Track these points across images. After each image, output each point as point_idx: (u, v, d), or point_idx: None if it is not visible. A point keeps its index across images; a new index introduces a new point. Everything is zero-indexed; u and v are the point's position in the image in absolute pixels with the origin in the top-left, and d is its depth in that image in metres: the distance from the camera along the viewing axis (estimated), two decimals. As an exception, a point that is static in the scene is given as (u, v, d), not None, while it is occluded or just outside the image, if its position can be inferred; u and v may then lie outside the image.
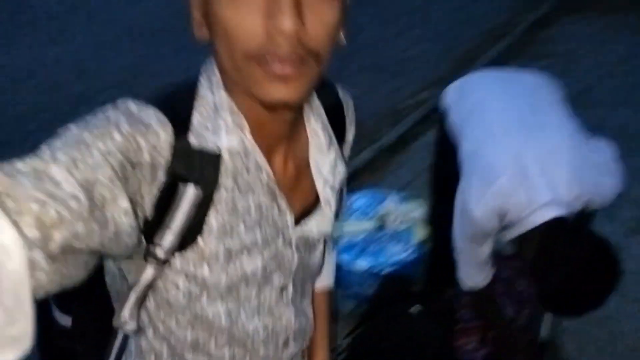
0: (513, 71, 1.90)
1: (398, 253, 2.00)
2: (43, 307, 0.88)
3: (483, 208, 1.48)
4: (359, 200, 2.19)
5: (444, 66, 4.15)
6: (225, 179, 0.72)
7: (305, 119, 0.80)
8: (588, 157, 1.51)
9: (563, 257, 1.38)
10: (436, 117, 1.93)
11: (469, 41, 4.52)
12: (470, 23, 4.81)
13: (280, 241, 0.79)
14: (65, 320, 0.91)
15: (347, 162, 0.90)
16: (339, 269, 1.85)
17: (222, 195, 0.72)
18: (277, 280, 0.81)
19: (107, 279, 0.81)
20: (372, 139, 3.39)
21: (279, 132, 0.75)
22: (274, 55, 0.61)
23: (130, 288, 0.74)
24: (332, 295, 1.10)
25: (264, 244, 0.77)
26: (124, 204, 0.61)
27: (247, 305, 0.79)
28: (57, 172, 0.56)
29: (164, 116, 0.67)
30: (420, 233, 2.11)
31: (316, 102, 0.82)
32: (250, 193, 0.74)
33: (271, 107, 0.68)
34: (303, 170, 0.81)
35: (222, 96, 0.71)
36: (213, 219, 0.72)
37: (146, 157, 0.64)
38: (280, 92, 0.64)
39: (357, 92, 3.72)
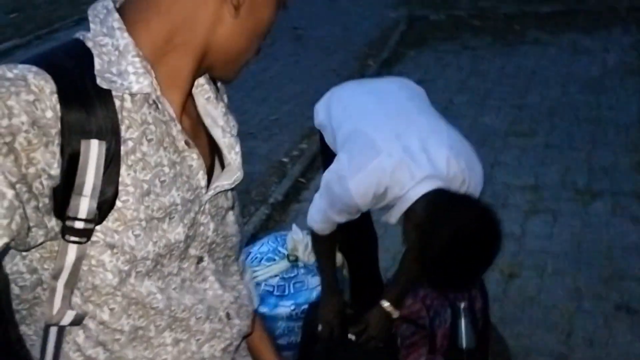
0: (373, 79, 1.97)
1: (317, 285, 1.90)
2: None
3: (359, 182, 1.47)
4: (264, 246, 2.09)
5: (311, 119, 4.25)
6: (131, 130, 0.67)
7: None
8: (462, 142, 1.56)
9: (446, 225, 1.37)
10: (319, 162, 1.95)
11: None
12: (326, 76, 5.02)
13: (196, 206, 0.74)
14: None
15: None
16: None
17: (130, 148, 0.67)
18: (193, 252, 0.76)
19: (14, 292, 0.72)
20: (264, 197, 3.33)
21: (189, 85, 0.74)
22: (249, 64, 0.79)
23: (54, 279, 0.68)
24: (260, 319, 1.01)
25: (183, 208, 0.72)
26: None
27: (172, 281, 0.75)
28: None
29: (40, 69, 0.62)
30: (334, 259, 2.04)
31: None
32: (162, 147, 0.70)
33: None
34: (196, 126, 0.78)
35: (126, 39, 0.67)
36: (127, 177, 0.67)
37: (23, 118, 0.59)
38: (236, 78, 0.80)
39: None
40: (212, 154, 0.79)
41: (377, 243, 2.07)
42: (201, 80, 0.79)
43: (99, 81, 0.65)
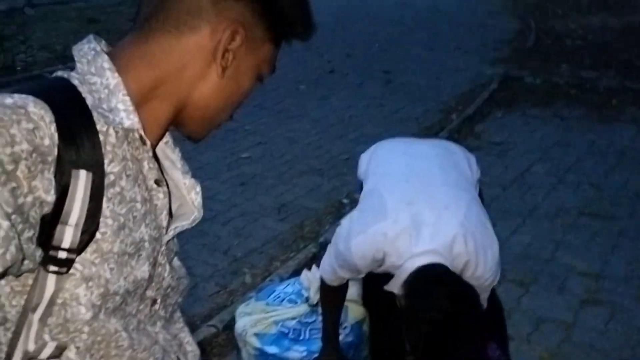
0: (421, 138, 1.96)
1: (334, 336, 1.87)
2: None
3: (360, 243, 1.45)
4: (289, 286, 2.09)
5: (384, 163, 4.24)
6: (113, 165, 0.70)
7: None
8: (480, 222, 1.50)
9: (415, 307, 1.31)
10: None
11: (407, 139, 4.66)
12: (406, 123, 5.00)
13: (158, 246, 0.76)
14: None
15: None
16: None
17: (110, 182, 0.70)
18: (149, 293, 0.77)
19: None
20: (316, 235, 3.34)
21: (162, 132, 0.79)
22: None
23: (26, 313, 0.68)
24: None
25: (150, 246, 0.74)
26: None
27: (130, 322, 0.75)
28: None
29: (39, 99, 0.64)
30: (355, 313, 2.00)
31: None
32: (136, 184, 0.73)
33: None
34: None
35: (116, 79, 0.71)
36: (106, 209, 0.69)
37: (24, 146, 0.61)
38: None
39: (300, 192, 3.81)
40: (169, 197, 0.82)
41: None
42: None
43: (95, 115, 0.68)
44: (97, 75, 0.71)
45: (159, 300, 0.80)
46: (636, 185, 3.88)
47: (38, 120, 0.63)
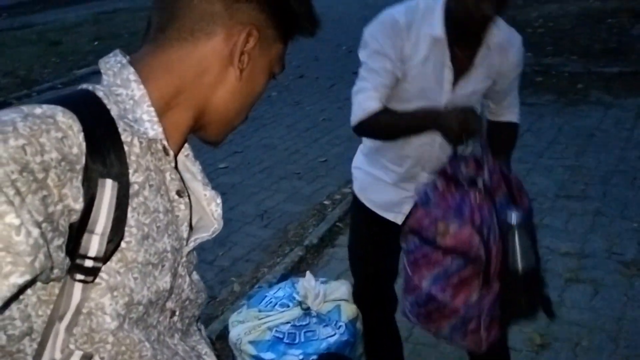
0: None
1: (329, 335, 1.88)
2: None
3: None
4: (280, 290, 2.09)
5: (361, 163, 4.27)
6: (137, 174, 0.71)
7: None
8: None
9: None
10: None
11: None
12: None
13: (179, 257, 0.77)
14: None
15: None
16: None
17: (135, 192, 0.70)
18: (169, 304, 0.78)
19: (21, 320, 0.69)
20: (301, 238, 3.35)
21: (182, 140, 0.80)
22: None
23: (53, 323, 0.68)
24: None
25: (172, 256, 0.75)
26: (12, 219, 0.57)
27: (151, 333, 0.75)
28: None
29: (67, 109, 0.65)
30: (348, 311, 2.01)
31: None
32: (159, 194, 0.73)
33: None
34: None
35: (142, 90, 0.72)
36: (131, 219, 0.69)
37: (53, 155, 0.61)
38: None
39: (281, 198, 3.80)
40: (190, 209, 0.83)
41: (396, 304, 2.00)
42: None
43: (121, 125, 0.69)
44: (123, 86, 0.72)
45: (177, 312, 0.80)
46: (607, 165, 3.98)
47: (66, 130, 0.63)
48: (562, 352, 2.43)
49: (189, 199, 0.80)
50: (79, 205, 0.64)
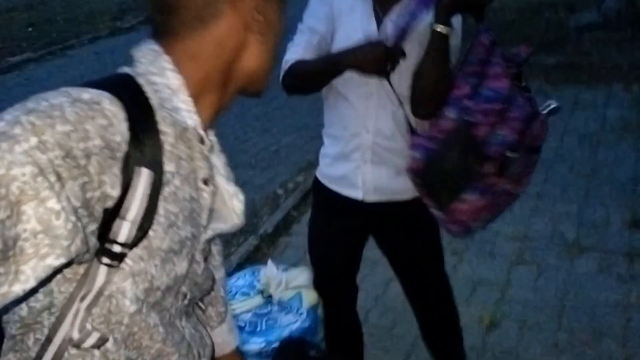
0: None
1: (290, 323, 1.90)
2: None
3: None
4: (240, 279, 2.10)
5: (312, 152, 4.30)
6: (169, 164, 0.72)
7: None
8: None
9: None
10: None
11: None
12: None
13: (196, 243, 0.78)
14: None
15: None
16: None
17: (167, 180, 0.71)
18: (183, 289, 0.80)
19: (19, 314, 0.72)
20: (254, 227, 3.35)
21: (210, 122, 0.80)
22: None
23: (75, 302, 0.70)
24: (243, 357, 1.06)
25: (190, 243, 0.76)
26: (53, 204, 0.58)
27: (164, 316, 0.77)
28: None
29: (113, 96, 0.66)
30: (309, 298, 2.04)
31: None
32: (187, 182, 0.74)
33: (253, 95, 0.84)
34: None
35: (179, 79, 0.73)
36: (161, 208, 0.71)
37: (97, 142, 0.63)
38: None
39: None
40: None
41: (357, 294, 2.00)
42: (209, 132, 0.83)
43: (161, 114, 0.71)
44: (159, 75, 0.73)
45: (188, 296, 0.82)
46: (547, 152, 4.15)
47: (112, 117, 0.65)
48: (511, 330, 2.54)
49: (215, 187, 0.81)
50: (115, 192, 0.66)
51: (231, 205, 0.83)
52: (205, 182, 0.77)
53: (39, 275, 0.59)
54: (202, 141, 0.76)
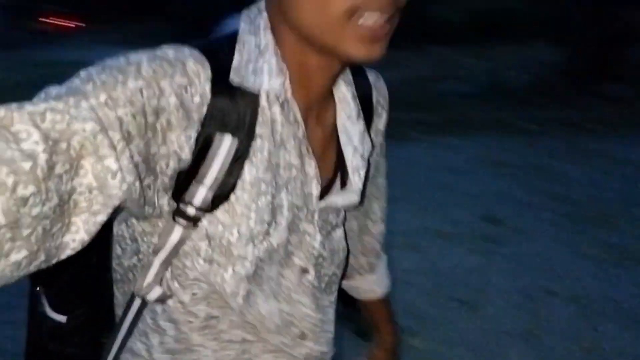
0: None
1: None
2: (33, 307, 0.85)
3: None
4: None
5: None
6: (262, 128, 0.68)
7: (335, 84, 0.76)
8: None
9: None
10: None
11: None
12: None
13: (303, 213, 0.74)
14: (59, 318, 0.84)
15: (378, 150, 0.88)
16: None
17: (258, 146, 0.68)
18: (297, 261, 0.76)
19: (116, 252, 0.76)
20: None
21: (322, 88, 0.72)
22: (374, 7, 0.61)
23: (152, 254, 0.70)
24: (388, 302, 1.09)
25: (289, 212, 0.72)
26: (111, 163, 0.55)
27: (267, 287, 0.74)
28: (20, 127, 0.50)
29: (202, 55, 0.64)
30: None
31: (346, 69, 0.77)
32: (283, 148, 0.70)
33: (345, 64, 0.69)
34: (329, 139, 0.77)
35: (267, 38, 0.68)
36: (247, 174, 0.68)
37: (171, 100, 0.60)
38: (369, 51, 0.63)
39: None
40: (336, 170, 0.79)
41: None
42: (347, 97, 0.77)
43: (231, 76, 0.65)
44: (253, 34, 0.69)
45: (311, 271, 0.77)
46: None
47: (193, 77, 0.62)
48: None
49: (339, 160, 0.77)
50: (184, 155, 0.63)
51: (351, 180, 0.77)
52: (307, 149, 0.72)
53: (89, 229, 0.55)
54: (283, 107, 0.69)
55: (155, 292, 0.72)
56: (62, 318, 0.82)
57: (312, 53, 0.68)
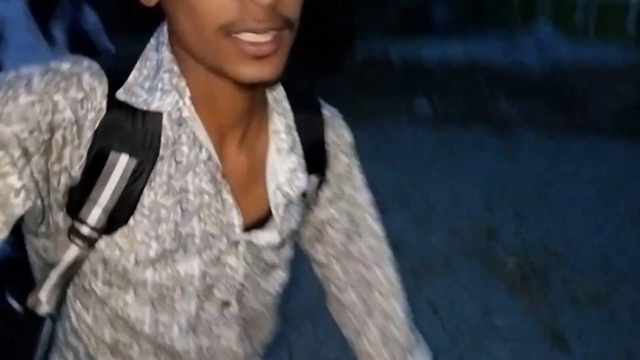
0: None
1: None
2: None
3: None
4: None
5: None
6: (164, 149, 0.63)
7: (269, 116, 0.71)
8: None
9: None
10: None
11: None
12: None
13: (223, 244, 0.69)
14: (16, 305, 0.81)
15: (329, 200, 0.79)
16: None
17: (158, 169, 0.63)
18: (218, 294, 0.71)
19: (30, 256, 0.71)
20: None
21: (232, 111, 0.66)
22: (249, 28, 0.56)
23: (50, 267, 0.66)
24: None
25: (203, 243, 0.67)
26: (14, 180, 0.55)
27: (184, 319, 0.70)
28: None
29: (100, 69, 0.61)
30: None
31: (281, 98, 0.72)
32: (192, 172, 0.65)
33: (242, 84, 0.62)
34: (259, 173, 0.72)
35: (164, 54, 0.64)
36: (146, 198, 0.64)
37: (67, 114, 0.58)
38: (256, 70, 0.58)
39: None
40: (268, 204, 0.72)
41: None
42: (279, 129, 0.71)
43: (117, 93, 0.61)
44: (156, 50, 0.65)
45: (233, 302, 0.73)
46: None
47: (89, 91, 0.59)
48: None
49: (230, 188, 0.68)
50: (74, 172, 0.60)
51: (275, 217, 0.71)
52: (224, 175, 0.66)
53: None
54: (181, 126, 0.64)
55: (44, 309, 0.69)
56: (17, 305, 0.79)
57: (211, 73, 0.62)
